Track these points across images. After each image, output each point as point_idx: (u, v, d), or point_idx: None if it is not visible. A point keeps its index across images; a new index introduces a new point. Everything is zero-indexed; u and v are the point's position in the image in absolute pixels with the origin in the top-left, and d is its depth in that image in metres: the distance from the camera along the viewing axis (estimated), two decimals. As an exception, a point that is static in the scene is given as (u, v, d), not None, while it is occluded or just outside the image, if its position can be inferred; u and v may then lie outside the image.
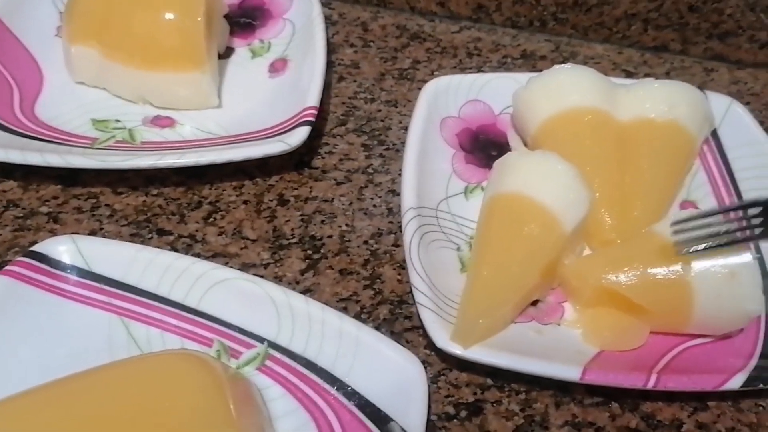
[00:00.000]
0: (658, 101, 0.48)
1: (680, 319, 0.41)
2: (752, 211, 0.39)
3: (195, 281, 0.41)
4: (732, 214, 0.40)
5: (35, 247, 0.42)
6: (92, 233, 0.47)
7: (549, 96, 0.49)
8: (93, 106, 0.54)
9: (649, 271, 0.41)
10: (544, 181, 0.43)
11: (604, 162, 0.46)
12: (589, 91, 0.48)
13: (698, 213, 0.41)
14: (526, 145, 0.51)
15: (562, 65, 0.50)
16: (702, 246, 0.40)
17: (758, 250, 0.45)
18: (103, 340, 0.41)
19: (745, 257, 0.40)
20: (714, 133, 0.52)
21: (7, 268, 0.41)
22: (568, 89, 0.48)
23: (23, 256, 0.41)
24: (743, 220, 0.39)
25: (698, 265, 0.40)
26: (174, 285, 0.42)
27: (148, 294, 0.42)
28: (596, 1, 0.61)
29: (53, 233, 0.47)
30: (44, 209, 0.48)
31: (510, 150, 0.51)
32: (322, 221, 0.49)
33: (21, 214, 0.48)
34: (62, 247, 0.42)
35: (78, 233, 0.45)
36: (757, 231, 0.39)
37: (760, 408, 0.41)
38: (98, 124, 0.52)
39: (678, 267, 0.41)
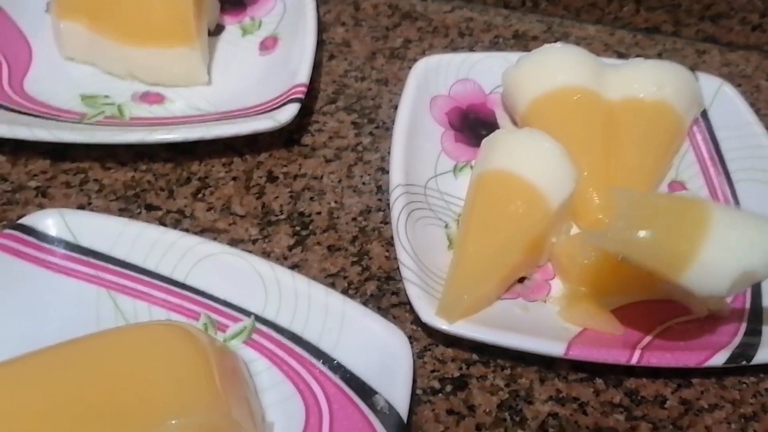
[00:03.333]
0: (647, 81, 0.48)
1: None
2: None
3: (182, 255, 0.42)
4: None
5: (22, 220, 0.42)
6: (81, 208, 0.47)
7: (538, 75, 0.49)
8: (82, 81, 0.54)
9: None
10: (531, 159, 0.43)
11: (592, 141, 0.46)
12: (579, 71, 0.48)
13: None
14: (515, 124, 0.51)
15: (552, 44, 0.50)
16: None
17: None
18: (90, 313, 0.41)
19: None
20: (704, 114, 0.52)
21: (-6, 240, 0.41)
22: (557, 68, 0.48)
23: (10, 228, 0.41)
24: None
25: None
26: (161, 259, 0.42)
27: (135, 267, 0.42)
28: (588, -18, 0.61)
29: (41, 207, 0.47)
30: (33, 183, 0.48)
31: (499, 129, 0.51)
32: (311, 198, 0.49)
33: (9, 188, 0.48)
34: (50, 221, 0.42)
35: (66, 208, 0.45)
36: None
37: (744, 385, 0.41)
38: (87, 100, 0.52)
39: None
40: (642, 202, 0.37)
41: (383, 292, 0.44)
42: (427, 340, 0.42)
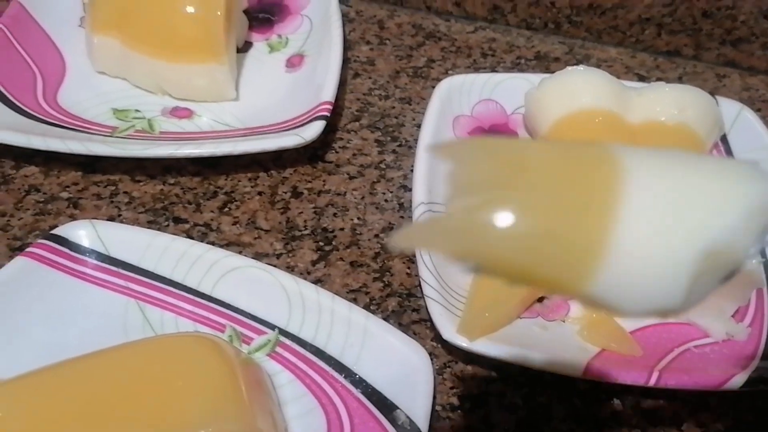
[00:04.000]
0: (669, 104, 0.49)
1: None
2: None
3: (209, 268, 0.43)
4: None
5: (56, 231, 0.43)
6: (110, 219, 0.48)
7: (561, 97, 0.49)
8: (113, 95, 0.55)
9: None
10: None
11: (614, 163, 0.47)
12: (601, 93, 0.49)
13: None
14: (537, 144, 0.52)
15: (575, 67, 0.51)
16: None
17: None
18: (119, 323, 0.42)
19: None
20: (724, 138, 0.52)
21: (28, 249, 0.42)
22: (579, 91, 0.49)
23: (44, 238, 0.43)
24: None
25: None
26: (189, 271, 0.43)
27: (163, 279, 0.43)
28: (611, 5, 0.62)
29: (73, 218, 0.48)
30: (64, 195, 0.50)
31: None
32: (335, 214, 0.50)
33: (42, 199, 0.49)
34: (82, 231, 0.43)
35: (97, 219, 0.46)
36: None
37: (760, 409, 0.42)
38: (118, 114, 0.54)
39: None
40: (503, 158, 0.23)
41: (404, 309, 0.45)
42: (447, 357, 0.43)
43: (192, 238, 0.47)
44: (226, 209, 0.50)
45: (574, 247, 0.22)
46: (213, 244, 0.47)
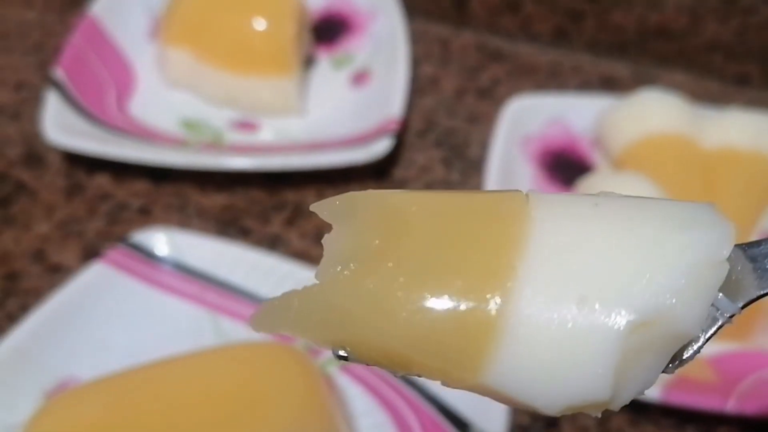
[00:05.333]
0: (743, 131, 0.49)
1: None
2: None
3: (281, 279, 0.43)
4: None
5: (132, 238, 0.43)
6: (180, 228, 0.49)
7: (635, 120, 0.49)
8: (183, 107, 0.56)
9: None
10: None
11: (689, 188, 0.47)
12: (675, 117, 0.49)
13: None
14: (608, 167, 0.52)
15: (650, 91, 0.51)
16: None
17: None
18: (192, 330, 0.42)
19: None
20: (796, 166, 0.52)
21: (106, 255, 0.43)
22: (654, 114, 0.49)
23: (121, 244, 0.43)
24: None
25: None
26: (261, 281, 0.43)
27: (236, 289, 0.43)
28: (679, 30, 0.61)
29: (144, 226, 0.48)
30: (135, 203, 0.50)
31: (591, 171, 0.52)
32: (402, 230, 0.50)
33: (114, 207, 0.50)
34: (158, 239, 0.44)
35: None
36: None
37: (840, 442, 0.41)
38: (188, 125, 0.54)
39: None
40: (382, 218, 0.19)
41: (473, 327, 0.45)
42: (517, 376, 0.43)
43: (260, 249, 0.48)
44: (294, 222, 0.50)
45: (461, 328, 0.17)
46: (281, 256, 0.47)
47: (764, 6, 0.58)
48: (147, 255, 0.43)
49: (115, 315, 0.41)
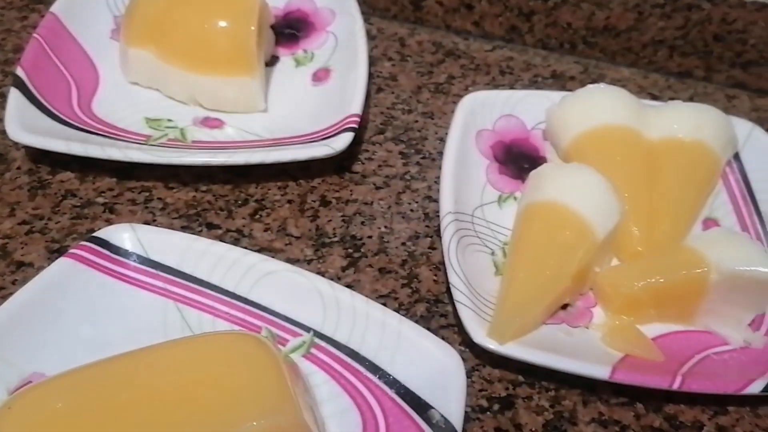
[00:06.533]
0: (686, 122, 0.51)
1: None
2: None
3: (246, 272, 0.44)
4: None
5: (98, 233, 0.44)
6: (146, 224, 0.49)
7: (582, 113, 0.51)
8: (146, 105, 0.56)
9: (674, 283, 0.44)
10: (579, 191, 0.45)
11: (634, 177, 0.49)
12: (621, 110, 0.51)
13: None
14: (558, 158, 0.54)
15: (596, 85, 0.53)
16: None
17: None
18: (158, 323, 0.43)
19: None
20: (736, 156, 0.54)
21: (71, 251, 0.43)
22: (601, 107, 0.51)
23: (86, 240, 0.44)
24: None
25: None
26: (226, 274, 0.44)
27: (201, 282, 0.44)
28: (625, 27, 0.64)
29: (109, 222, 0.49)
30: (100, 200, 0.51)
31: (543, 162, 0.54)
32: (362, 222, 0.51)
33: (78, 204, 0.51)
34: (123, 234, 0.44)
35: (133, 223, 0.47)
36: None
37: (777, 414, 0.43)
38: (151, 123, 0.55)
39: (700, 278, 0.43)
40: None
41: (432, 314, 0.47)
42: (475, 360, 0.45)
43: (225, 243, 0.49)
44: (257, 216, 0.51)
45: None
46: (246, 249, 0.48)
47: (706, 2, 0.61)
48: (112, 250, 0.44)
49: (81, 310, 0.42)
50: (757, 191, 0.53)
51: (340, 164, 0.55)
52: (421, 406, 0.39)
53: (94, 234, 0.44)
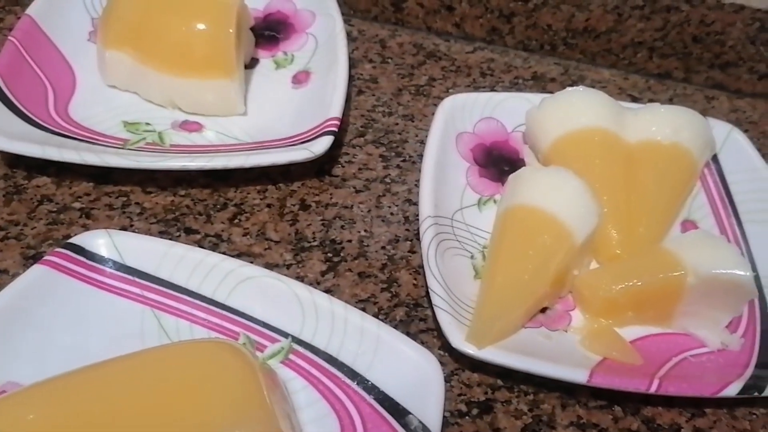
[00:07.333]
0: (664, 125, 0.51)
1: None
2: None
3: (224, 277, 0.44)
4: None
5: (73, 240, 0.44)
6: (123, 229, 0.49)
7: (561, 116, 0.51)
8: (124, 108, 0.56)
9: (652, 286, 0.44)
10: (557, 195, 0.45)
11: (612, 180, 0.49)
12: (600, 113, 0.51)
13: None
14: (537, 161, 0.54)
15: (575, 87, 0.53)
16: None
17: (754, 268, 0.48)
18: (135, 330, 0.43)
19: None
20: (714, 158, 0.55)
21: (46, 258, 0.43)
22: (579, 110, 0.51)
23: (61, 247, 0.43)
24: None
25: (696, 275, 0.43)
26: (204, 280, 0.44)
27: (179, 288, 0.44)
28: (605, 29, 0.64)
29: (86, 228, 0.49)
30: (77, 205, 0.51)
31: (522, 165, 0.54)
32: (342, 226, 0.51)
33: (55, 209, 0.50)
34: (99, 241, 0.44)
35: (110, 229, 0.47)
36: None
37: (754, 416, 0.44)
38: (129, 126, 0.55)
39: (678, 281, 0.43)
40: None
41: (412, 318, 0.46)
42: (454, 365, 0.45)
43: (203, 248, 0.48)
44: (237, 221, 0.51)
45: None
46: (224, 254, 0.48)
47: (685, 4, 0.61)
48: (88, 257, 0.43)
49: (56, 318, 0.42)
50: (734, 193, 0.53)
51: (320, 168, 0.55)
52: (399, 412, 0.39)
53: (69, 240, 0.44)
